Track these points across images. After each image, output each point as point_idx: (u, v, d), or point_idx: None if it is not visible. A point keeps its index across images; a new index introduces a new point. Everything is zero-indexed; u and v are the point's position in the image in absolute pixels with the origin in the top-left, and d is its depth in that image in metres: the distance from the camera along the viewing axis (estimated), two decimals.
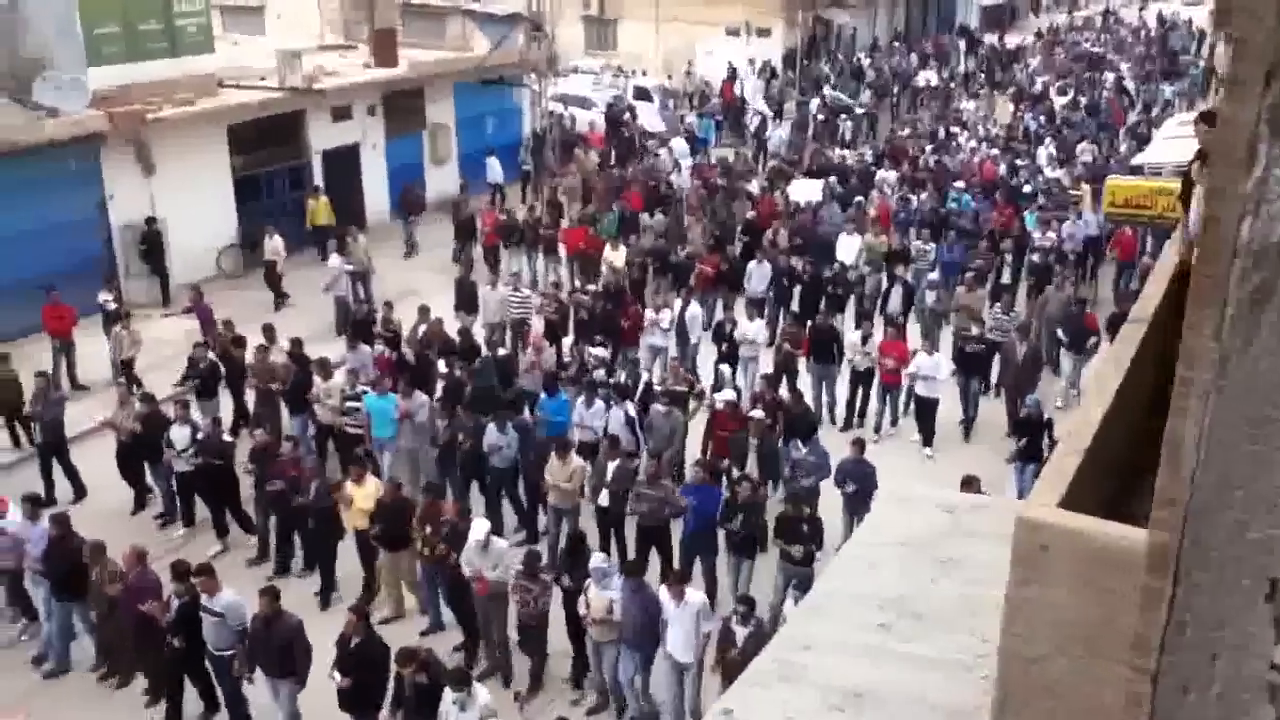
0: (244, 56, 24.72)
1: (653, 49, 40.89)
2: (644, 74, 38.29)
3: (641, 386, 15.04)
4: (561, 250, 21.70)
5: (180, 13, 21.75)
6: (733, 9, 40.67)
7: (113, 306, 17.69)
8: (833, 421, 16.18)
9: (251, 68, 23.56)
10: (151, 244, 20.25)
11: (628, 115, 32.39)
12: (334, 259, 19.85)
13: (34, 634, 11.79)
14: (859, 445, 12.50)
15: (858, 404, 16.43)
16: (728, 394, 14.23)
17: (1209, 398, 1.62)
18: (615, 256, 19.89)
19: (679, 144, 30.00)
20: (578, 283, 19.82)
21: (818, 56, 45.31)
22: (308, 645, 9.69)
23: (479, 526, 10.72)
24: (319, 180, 24.06)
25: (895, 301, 18.03)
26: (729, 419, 13.66)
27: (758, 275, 19.15)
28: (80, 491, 14.29)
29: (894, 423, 16.20)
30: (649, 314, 17.19)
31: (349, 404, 14.08)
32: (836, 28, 47.46)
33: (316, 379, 14.48)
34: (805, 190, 24.37)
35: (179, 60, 21.63)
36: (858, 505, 11.94)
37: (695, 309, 17.47)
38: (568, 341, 17.36)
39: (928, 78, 40.80)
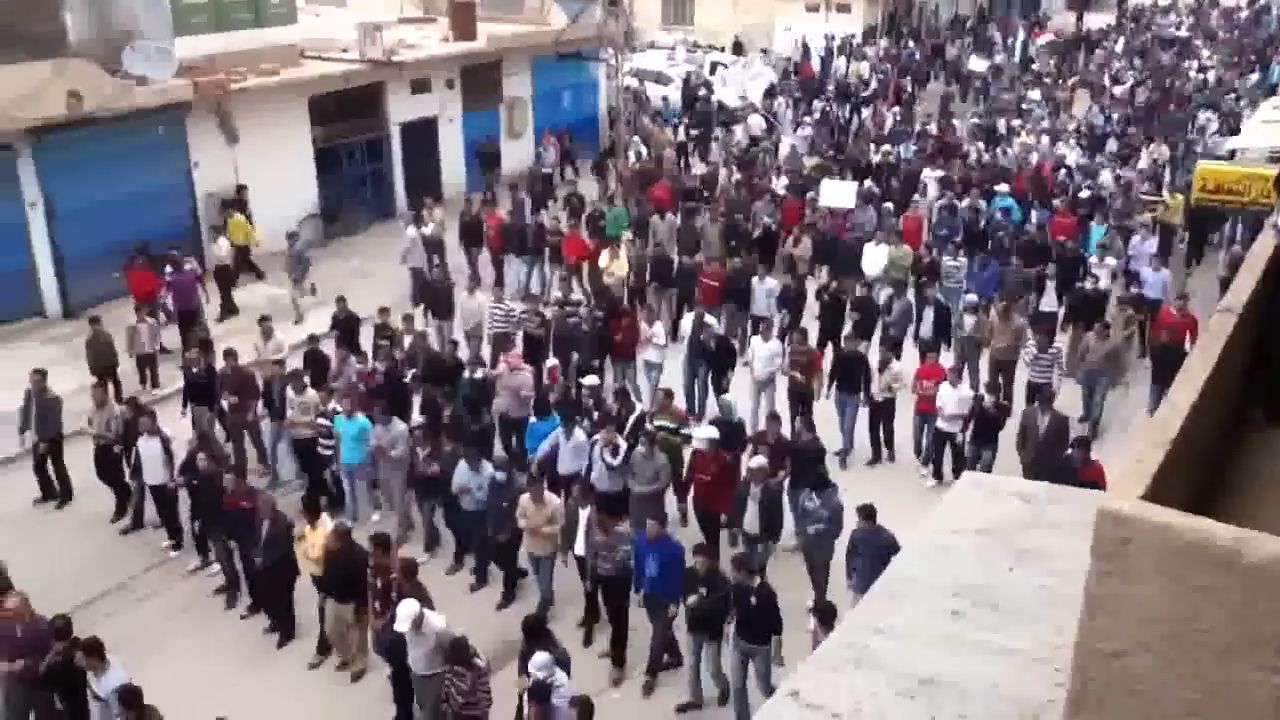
0: (326, 29, 25.01)
1: (730, 24, 40.56)
2: (722, 49, 38.01)
3: (634, 418, 13.04)
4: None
5: None
6: None
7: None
8: (842, 466, 14.12)
9: (333, 40, 23.84)
10: (238, 211, 20.66)
11: (704, 90, 32.18)
12: (410, 229, 20.08)
13: None
14: (868, 513, 10.40)
15: (879, 437, 14.67)
16: (708, 432, 12.28)
17: None
18: (616, 264, 18.25)
19: (755, 121, 29.77)
20: (560, 293, 18.11)
21: (898, 34, 44.55)
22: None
23: (405, 610, 9.15)
24: (397, 151, 24.37)
25: (927, 325, 15.99)
26: (711, 461, 11.88)
27: (760, 291, 17.09)
28: (66, 495, 13.81)
29: (926, 459, 14.32)
30: (643, 328, 15.53)
31: (320, 422, 13.11)
32: (918, 4, 46.64)
33: (290, 392, 13.47)
34: (836, 193, 21.66)
35: (263, 31, 22.00)
36: (873, 579, 10.29)
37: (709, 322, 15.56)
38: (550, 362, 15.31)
39: (977, 64, 38.01)
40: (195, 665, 10.93)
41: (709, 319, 15.60)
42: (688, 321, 16.10)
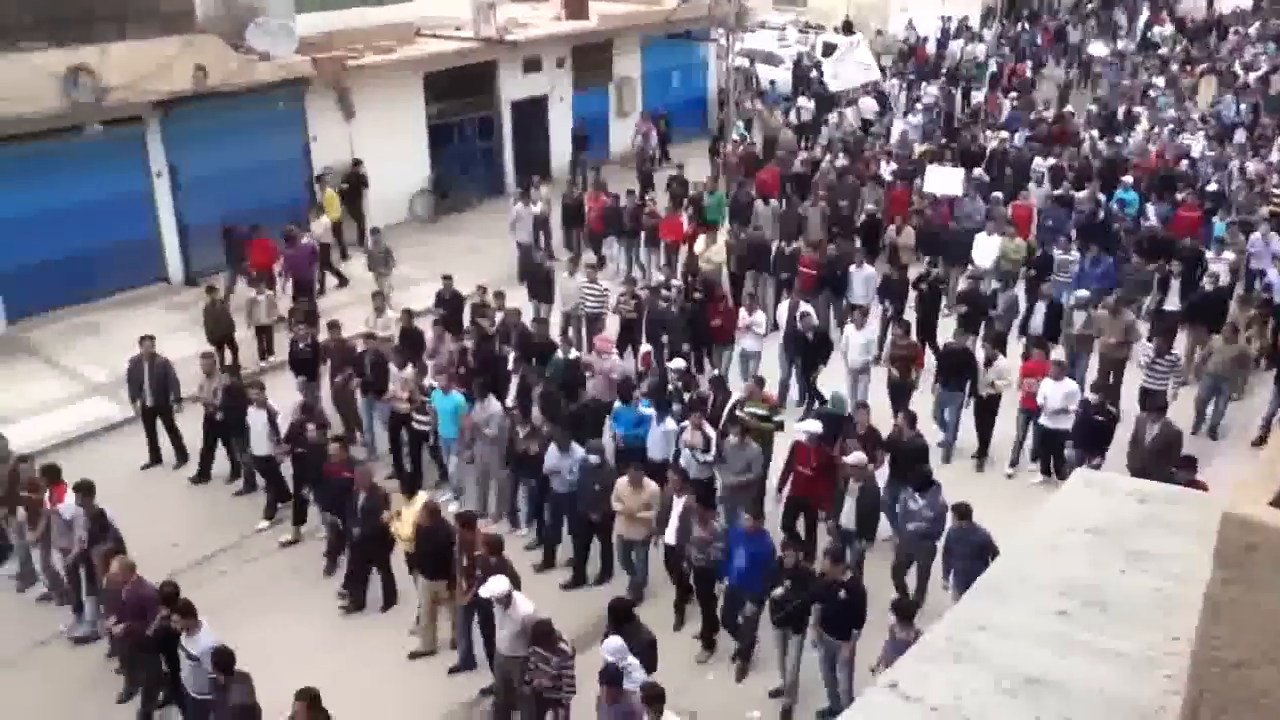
0: (441, 7, 25.34)
1: (844, 4, 39.89)
2: (834, 30, 37.45)
3: (729, 406, 12.95)
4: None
5: None
6: None
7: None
8: (945, 460, 13.87)
9: (448, 18, 24.16)
10: (354, 186, 21.12)
11: (815, 73, 31.76)
12: (518, 205, 20.29)
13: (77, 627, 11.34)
14: (963, 512, 10.26)
15: (985, 434, 14.16)
16: (810, 424, 11.97)
17: None
18: (713, 250, 18.02)
19: (868, 104, 29.29)
20: (661, 277, 17.75)
21: (1016, 16, 43.34)
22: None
23: (495, 585, 9.30)
24: (507, 129, 24.63)
25: (1038, 321, 15.40)
26: (812, 455, 11.60)
27: (858, 280, 16.76)
28: (181, 457, 14.24)
29: (1034, 457, 13.83)
30: (743, 315, 15.33)
31: (420, 397, 13.21)
32: None
33: (391, 366, 13.69)
34: (942, 180, 20.88)
35: (380, 9, 22.44)
36: (969, 577, 9.58)
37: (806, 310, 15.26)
38: (643, 348, 15.63)
39: (1098, 49, 36.48)
40: (294, 628, 11.26)
41: (806, 307, 15.33)
42: (784, 309, 15.87)
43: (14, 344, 17.17)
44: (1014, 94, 30.25)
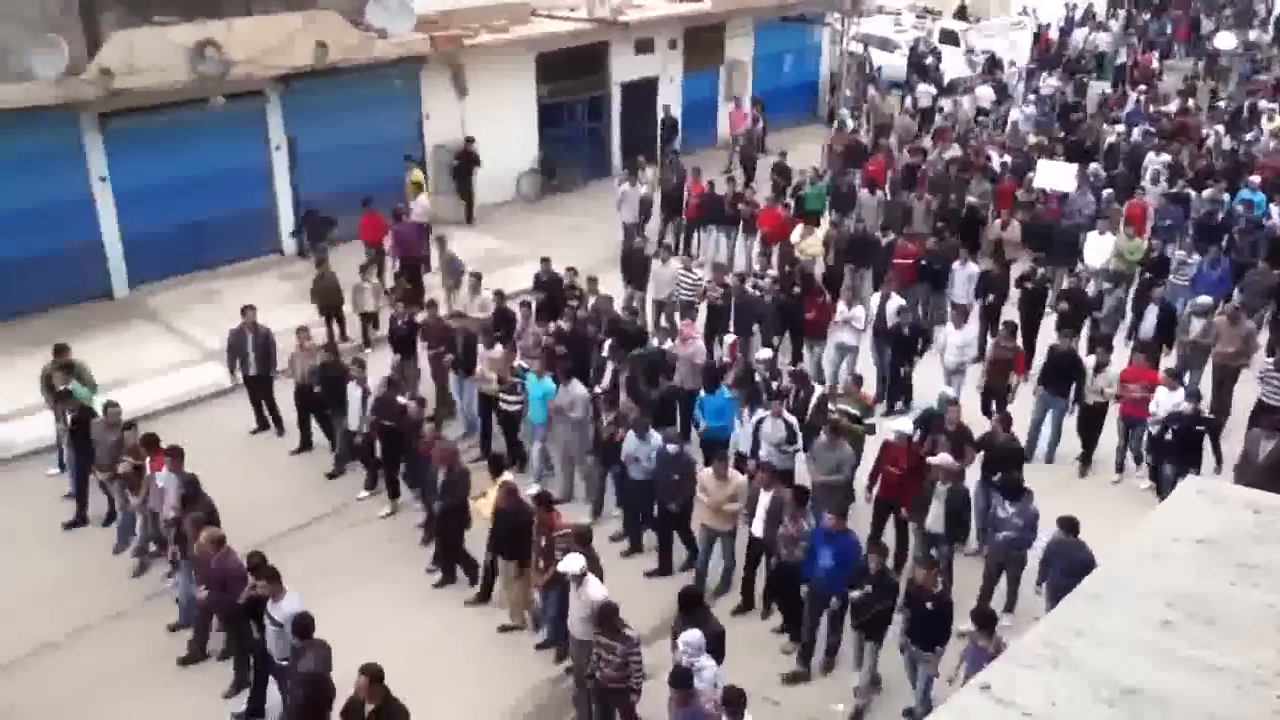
0: None
1: None
2: (953, 16, 36.66)
3: (814, 400, 12.66)
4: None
5: None
6: None
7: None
8: (1048, 460, 13.65)
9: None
10: (465, 164, 21.40)
11: (930, 59, 31.15)
12: (625, 185, 20.33)
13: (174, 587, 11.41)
14: (1070, 526, 9.84)
15: (1089, 441, 13.59)
16: (902, 424, 11.80)
17: None
18: (808, 242, 17.79)
19: (984, 92, 28.60)
20: (758, 267, 17.52)
21: (1146, 5, 41.78)
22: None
23: (572, 562, 9.39)
24: (616, 110, 24.67)
25: (1149, 325, 14.72)
26: (901, 455, 11.35)
27: (961, 278, 16.13)
28: (279, 428, 14.49)
29: (1137, 461, 13.31)
30: (841, 308, 15.02)
31: (510, 379, 13.24)
32: None
33: (480, 346, 13.71)
34: (1053, 175, 20.09)
35: None
36: (1062, 594, 9.41)
37: (895, 303, 14.84)
38: (729, 337, 15.28)
39: (1225, 40, 34.44)
40: (386, 597, 11.41)
41: (898, 300, 14.89)
42: (875, 302, 15.41)
43: (134, 308, 17.89)
44: (1142, 86, 29.17)
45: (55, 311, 17.10)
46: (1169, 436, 12.33)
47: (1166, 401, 12.58)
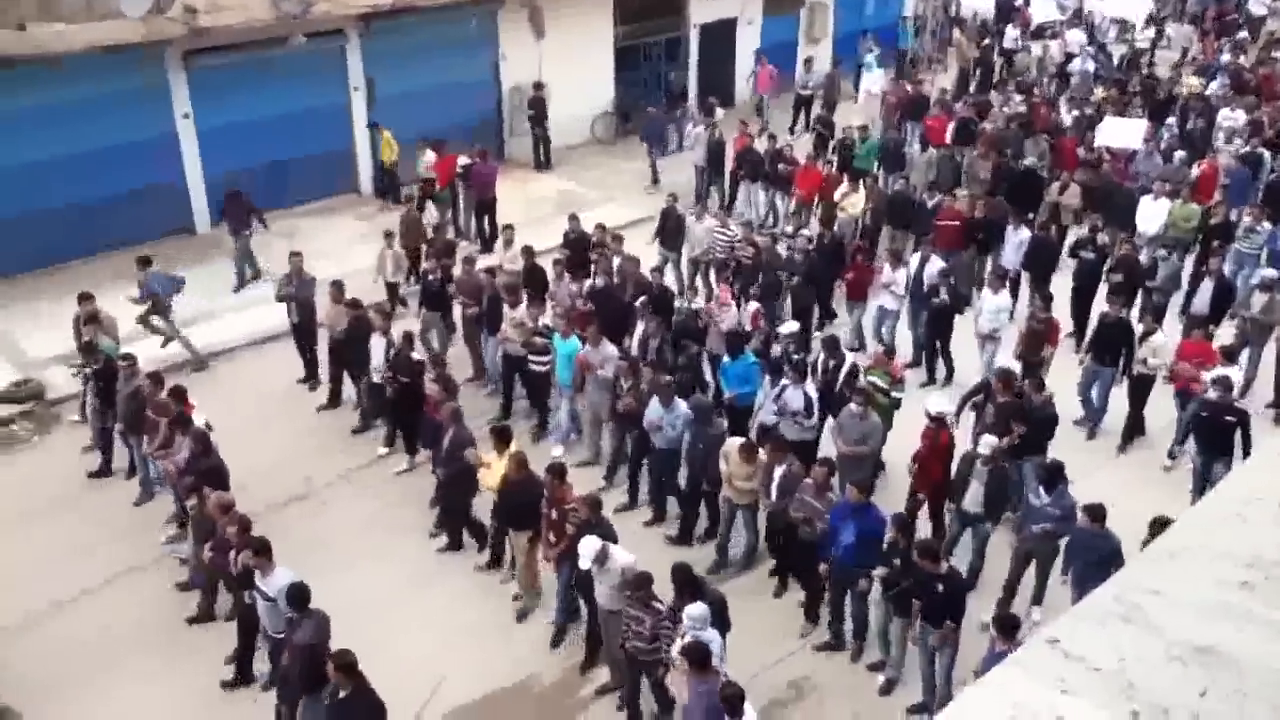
0: None
1: None
2: None
3: (845, 369, 12.26)
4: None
5: None
6: None
7: None
8: (1090, 436, 13.28)
9: None
10: (537, 108, 21.35)
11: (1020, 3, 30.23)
12: (698, 128, 20.13)
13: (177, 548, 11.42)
14: (1096, 514, 9.43)
15: (1135, 415, 13.11)
16: (938, 402, 11.47)
17: None
18: (849, 200, 17.15)
19: (1074, 36, 27.69)
20: (791, 226, 17.06)
21: None
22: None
23: (587, 546, 9.04)
24: (694, 52, 24.36)
25: (1203, 300, 13.98)
26: (927, 434, 11.04)
27: (1012, 244, 15.54)
28: (314, 379, 14.43)
29: (1180, 442, 12.49)
30: (886, 271, 14.55)
31: (537, 339, 12.92)
32: None
33: (505, 306, 13.25)
34: (1118, 132, 18.98)
35: None
36: (1085, 585, 8.66)
37: (935, 266, 14.27)
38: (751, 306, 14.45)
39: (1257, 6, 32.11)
40: (388, 567, 11.29)
41: (938, 263, 14.38)
42: (915, 265, 14.77)
43: (216, 245, 18.29)
44: (1226, 38, 27.90)
45: (138, 247, 17.42)
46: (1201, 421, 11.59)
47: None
